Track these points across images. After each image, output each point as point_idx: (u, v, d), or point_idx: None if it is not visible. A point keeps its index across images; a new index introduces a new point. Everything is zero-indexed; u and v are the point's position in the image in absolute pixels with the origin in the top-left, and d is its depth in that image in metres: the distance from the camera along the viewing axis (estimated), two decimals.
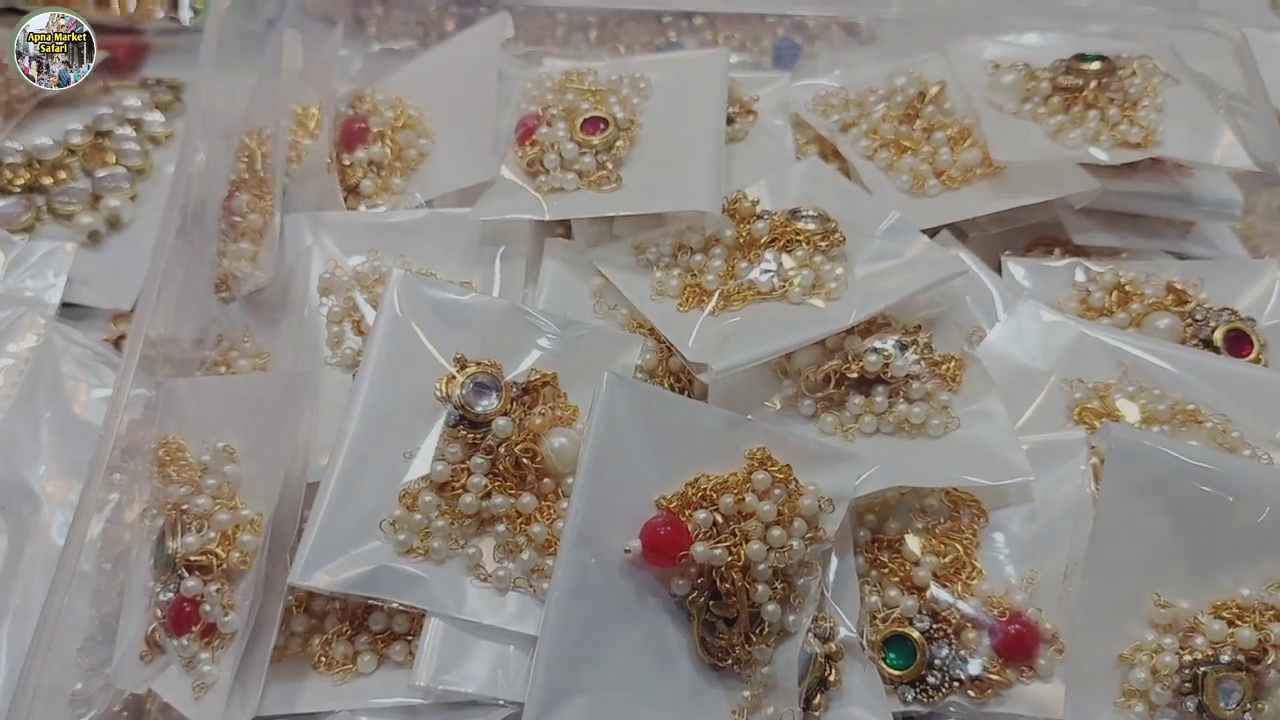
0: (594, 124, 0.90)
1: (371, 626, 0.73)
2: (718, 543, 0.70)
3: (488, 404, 0.74)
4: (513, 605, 0.72)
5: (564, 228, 0.91)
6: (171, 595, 0.73)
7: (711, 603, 0.71)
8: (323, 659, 0.73)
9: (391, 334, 0.77)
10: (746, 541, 0.71)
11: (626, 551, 0.70)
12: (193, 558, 0.72)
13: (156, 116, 1.19)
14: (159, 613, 0.73)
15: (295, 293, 0.86)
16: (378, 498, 0.73)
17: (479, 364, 0.75)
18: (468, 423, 0.74)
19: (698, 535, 0.71)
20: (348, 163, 0.95)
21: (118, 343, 1.01)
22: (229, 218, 0.92)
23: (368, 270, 0.87)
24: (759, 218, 0.85)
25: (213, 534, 0.73)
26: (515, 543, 0.73)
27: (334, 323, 0.85)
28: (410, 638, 0.73)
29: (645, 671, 0.70)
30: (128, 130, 1.17)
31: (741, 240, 0.85)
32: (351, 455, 0.73)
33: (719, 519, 0.71)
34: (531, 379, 0.76)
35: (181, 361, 0.88)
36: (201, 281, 0.92)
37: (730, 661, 0.71)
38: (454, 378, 0.74)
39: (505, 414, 0.74)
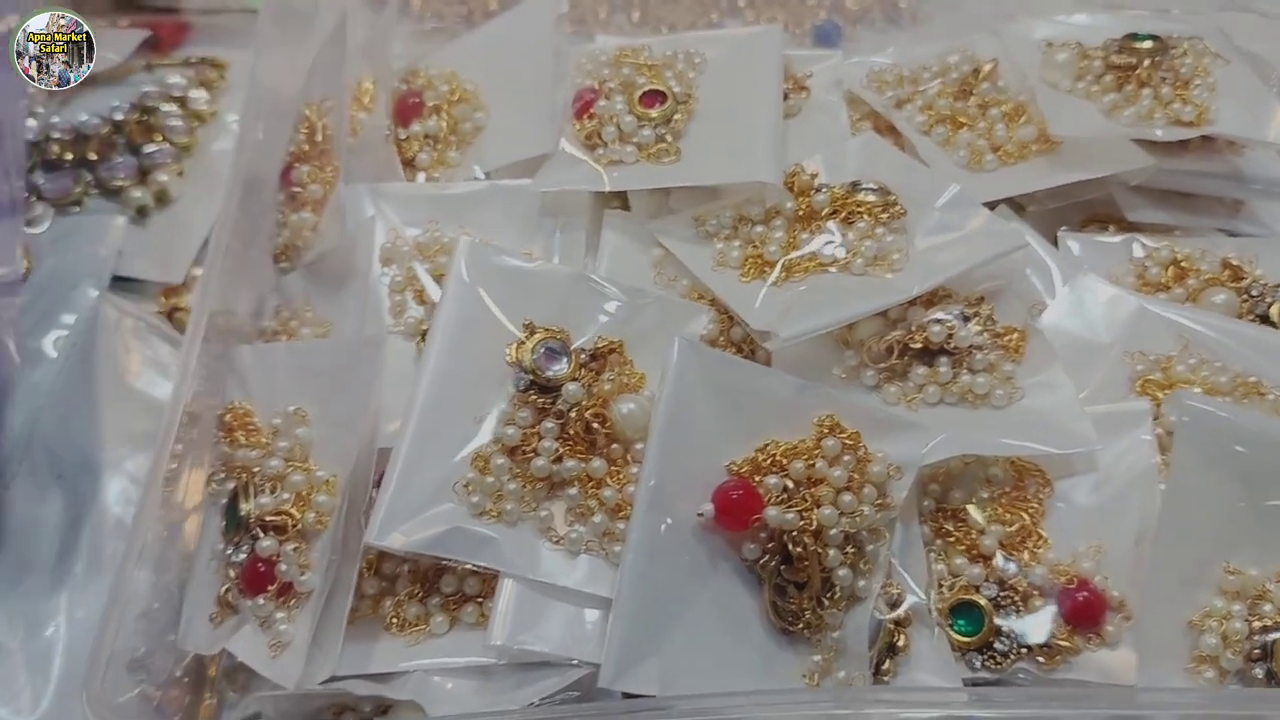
0: (652, 97, 0.90)
1: (443, 589, 0.74)
2: (789, 507, 0.71)
3: (558, 369, 0.74)
4: (584, 568, 0.72)
5: (619, 201, 0.91)
6: (244, 556, 0.73)
7: (783, 567, 0.71)
8: (394, 620, 0.73)
9: (460, 300, 0.77)
10: (818, 506, 0.71)
11: (699, 515, 0.71)
12: (268, 518, 0.72)
13: (201, 94, 1.19)
14: (231, 573, 0.73)
15: (359, 262, 0.86)
16: (449, 461, 0.73)
17: (547, 330, 0.76)
18: (538, 388, 0.74)
19: (769, 500, 0.71)
20: (403, 136, 0.96)
21: (170, 315, 1.02)
22: (289, 189, 0.93)
23: (428, 240, 0.87)
24: (817, 190, 0.85)
25: (287, 495, 0.73)
26: (587, 506, 0.73)
27: (396, 292, 0.86)
28: (481, 600, 0.73)
29: (718, 635, 0.70)
30: (173, 108, 1.17)
31: (801, 213, 0.85)
32: (423, 419, 0.74)
33: (789, 484, 0.72)
34: (599, 346, 0.77)
35: (239, 332, 0.88)
36: (257, 254, 0.92)
37: (801, 626, 0.71)
38: (524, 343, 0.75)
39: (575, 379, 0.74)
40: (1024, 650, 0.74)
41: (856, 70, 1.02)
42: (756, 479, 0.72)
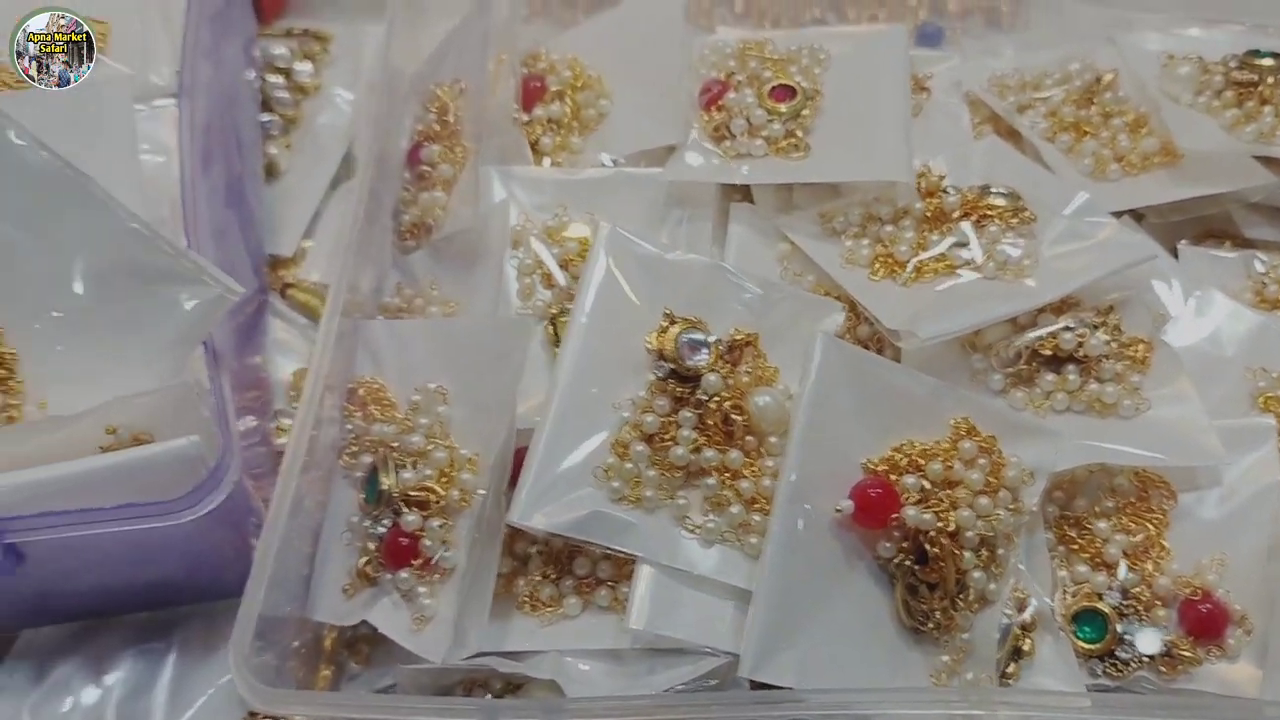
0: (781, 92, 0.91)
1: (576, 571, 0.75)
2: (927, 508, 0.71)
3: (700, 359, 0.75)
4: (717, 557, 0.73)
5: (741, 194, 0.92)
6: (385, 529, 0.73)
7: (916, 567, 0.72)
8: (527, 600, 0.74)
9: (600, 286, 0.78)
10: (955, 508, 0.72)
11: (837, 511, 0.71)
12: (411, 493, 0.73)
13: (306, 66, 1.19)
14: (371, 546, 0.74)
15: (492, 244, 0.86)
16: (589, 446, 0.74)
17: (687, 320, 0.76)
18: (677, 377, 0.75)
19: (906, 500, 0.72)
20: (526, 120, 0.96)
21: (283, 293, 1.03)
22: (416, 168, 0.93)
23: (556, 225, 0.88)
24: (946, 192, 0.86)
25: (429, 471, 0.74)
26: (724, 496, 0.74)
27: (524, 275, 0.86)
28: (614, 584, 0.74)
29: (852, 630, 0.71)
30: (279, 79, 1.17)
31: (929, 213, 0.86)
32: (564, 402, 0.74)
33: (926, 485, 0.72)
34: (736, 337, 0.77)
35: (362, 307, 0.89)
36: (380, 230, 0.93)
37: (931, 626, 0.72)
38: (665, 331, 0.75)
39: (715, 370, 0.75)
40: (1146, 659, 0.74)
41: (976, 73, 1.02)
42: (893, 478, 0.73)
